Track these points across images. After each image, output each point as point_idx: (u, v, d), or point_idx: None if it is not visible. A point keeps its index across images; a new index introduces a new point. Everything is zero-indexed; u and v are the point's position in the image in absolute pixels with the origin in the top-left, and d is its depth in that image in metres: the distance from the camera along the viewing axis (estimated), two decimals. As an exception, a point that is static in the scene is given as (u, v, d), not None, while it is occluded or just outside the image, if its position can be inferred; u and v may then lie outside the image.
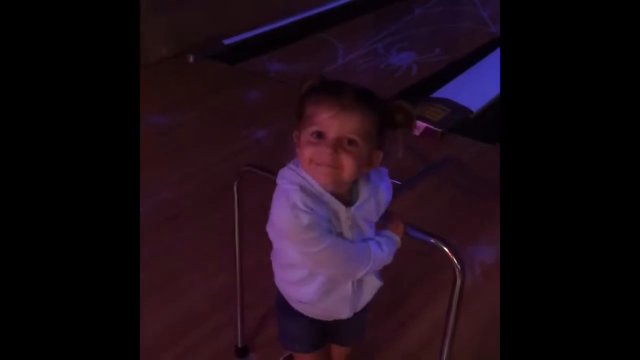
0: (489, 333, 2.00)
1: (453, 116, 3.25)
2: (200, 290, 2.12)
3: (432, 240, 1.25)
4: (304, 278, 1.25)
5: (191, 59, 3.93)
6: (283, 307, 1.38)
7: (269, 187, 1.23)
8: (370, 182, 1.24)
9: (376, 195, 1.25)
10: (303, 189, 1.15)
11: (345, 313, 1.32)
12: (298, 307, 1.35)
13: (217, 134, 3.11)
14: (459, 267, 1.23)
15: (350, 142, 1.13)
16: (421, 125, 3.10)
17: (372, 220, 1.26)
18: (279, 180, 1.21)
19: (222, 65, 3.91)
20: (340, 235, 1.19)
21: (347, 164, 1.13)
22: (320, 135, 1.13)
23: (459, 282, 1.23)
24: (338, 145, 1.12)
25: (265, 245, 1.30)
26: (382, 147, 1.20)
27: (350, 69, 3.94)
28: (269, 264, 1.35)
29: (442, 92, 3.51)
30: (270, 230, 1.25)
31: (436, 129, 3.11)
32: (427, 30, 4.63)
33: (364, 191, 1.22)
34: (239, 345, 1.88)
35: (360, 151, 1.14)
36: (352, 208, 1.20)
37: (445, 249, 1.24)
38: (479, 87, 3.59)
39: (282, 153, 2.60)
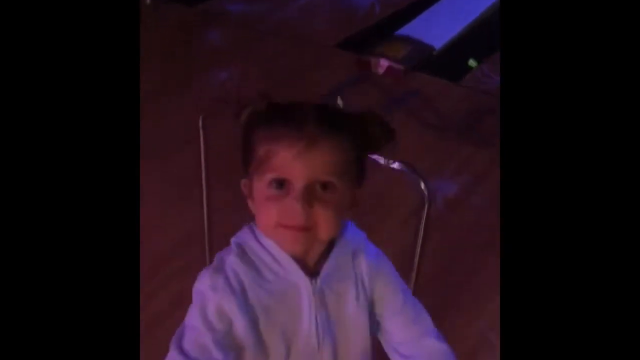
0: (449, 264, 2.06)
1: (416, 53, 3.25)
2: (165, 234, 2.11)
3: (400, 167, 1.26)
4: None
5: (148, 1, 3.81)
6: None
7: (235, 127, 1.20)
8: (342, 237, 0.89)
9: (355, 260, 0.90)
10: (243, 253, 0.86)
11: None
12: None
13: (178, 77, 3.05)
14: (426, 192, 1.25)
15: (325, 186, 0.82)
16: (384, 63, 3.10)
17: (353, 305, 0.88)
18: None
19: (181, 7, 3.81)
20: (293, 333, 0.85)
21: (325, 219, 0.81)
22: (282, 184, 0.82)
23: (426, 206, 1.26)
24: (310, 195, 0.80)
25: (234, 185, 1.10)
26: (363, 179, 0.89)
27: (311, 10, 3.88)
28: (238, 206, 1.11)
29: (405, 30, 3.50)
30: None
31: (399, 66, 3.12)
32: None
33: (333, 252, 0.88)
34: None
35: (340, 196, 0.83)
36: (319, 279, 0.86)
37: (415, 175, 1.26)
38: (441, 24, 3.59)
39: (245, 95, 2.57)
